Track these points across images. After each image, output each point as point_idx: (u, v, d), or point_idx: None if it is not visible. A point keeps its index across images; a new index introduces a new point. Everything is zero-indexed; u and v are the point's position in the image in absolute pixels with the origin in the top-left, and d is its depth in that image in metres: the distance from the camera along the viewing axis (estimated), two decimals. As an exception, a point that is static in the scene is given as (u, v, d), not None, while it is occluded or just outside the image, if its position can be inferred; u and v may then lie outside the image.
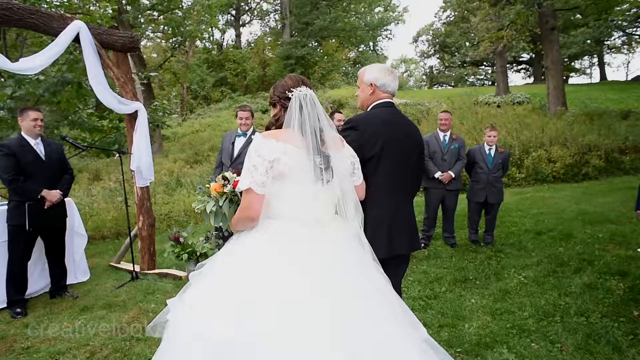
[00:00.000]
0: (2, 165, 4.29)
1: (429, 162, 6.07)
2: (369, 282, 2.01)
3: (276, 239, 1.95)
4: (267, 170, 1.94)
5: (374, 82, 2.60)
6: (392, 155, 2.48)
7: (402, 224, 2.53)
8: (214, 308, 1.83)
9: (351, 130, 2.46)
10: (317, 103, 2.07)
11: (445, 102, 21.56)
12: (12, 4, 4.15)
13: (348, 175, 2.14)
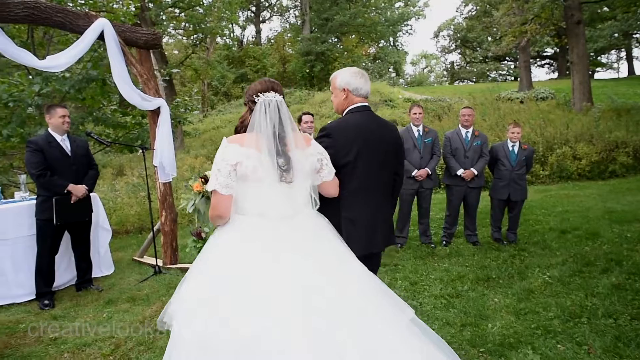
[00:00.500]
0: (30, 161, 4.39)
1: (450, 159, 6.00)
2: (347, 269, 2.16)
3: (244, 234, 2.14)
4: (230, 173, 2.12)
5: (346, 87, 2.64)
6: (366, 161, 2.56)
7: (377, 224, 2.64)
8: (197, 301, 2.01)
9: (325, 138, 2.54)
10: (282, 109, 2.22)
11: (466, 98, 21.30)
12: (40, 3, 4.23)
13: (311, 173, 2.29)
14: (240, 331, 1.84)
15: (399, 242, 6.18)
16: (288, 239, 2.11)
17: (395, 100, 21.54)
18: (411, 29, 37.93)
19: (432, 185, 6.08)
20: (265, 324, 1.84)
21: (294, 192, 2.21)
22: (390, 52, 37.54)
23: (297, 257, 2.06)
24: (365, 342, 1.90)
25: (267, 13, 37.15)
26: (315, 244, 2.17)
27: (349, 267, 2.19)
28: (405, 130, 6.03)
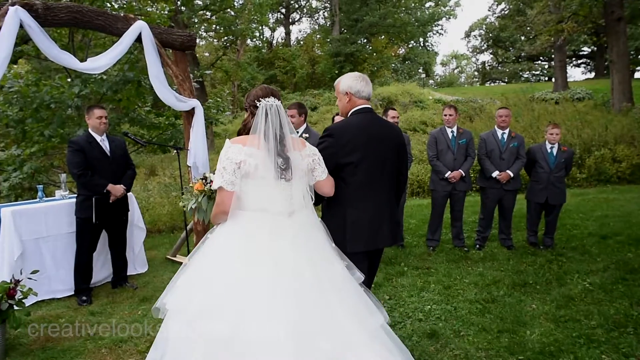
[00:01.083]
0: (72, 161, 4.51)
1: (485, 161, 5.87)
2: (327, 267, 2.34)
3: (244, 227, 2.31)
4: (235, 171, 2.29)
5: (349, 91, 2.80)
6: (368, 160, 2.69)
7: (381, 220, 2.76)
8: (192, 290, 2.21)
9: (328, 138, 2.71)
10: (281, 113, 2.39)
11: (498, 98, 20.84)
12: (82, 7, 4.35)
13: (307, 173, 2.47)
14: (230, 319, 2.06)
15: (431, 245, 6.09)
16: (285, 234, 2.29)
17: (426, 102, 21.27)
18: (442, 29, 37.32)
19: (465, 187, 5.96)
20: (254, 316, 2.06)
21: (292, 190, 2.38)
22: (420, 52, 37.14)
23: (290, 250, 2.25)
24: (334, 334, 2.13)
25: (296, 15, 37.35)
26: (308, 241, 2.36)
27: (333, 267, 2.37)
28: (439, 132, 5.93)
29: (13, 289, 3.45)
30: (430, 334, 3.60)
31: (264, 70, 28.17)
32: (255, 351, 2.01)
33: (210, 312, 2.11)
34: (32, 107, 6.55)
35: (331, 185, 2.64)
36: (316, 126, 16.91)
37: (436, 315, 3.98)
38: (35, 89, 6.58)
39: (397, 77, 30.18)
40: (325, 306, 2.19)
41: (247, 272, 2.17)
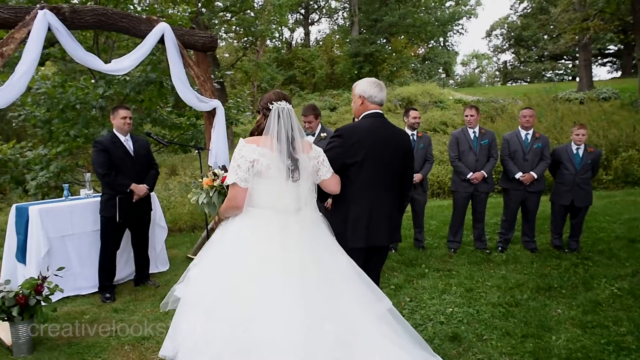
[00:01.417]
0: (97, 161, 4.59)
1: (508, 162, 5.77)
2: (332, 258, 2.53)
3: (254, 223, 2.48)
4: (249, 169, 2.46)
5: (363, 95, 2.95)
6: (372, 162, 2.83)
7: (380, 219, 2.90)
8: (208, 283, 2.39)
9: (337, 138, 2.86)
10: (292, 116, 2.55)
11: (521, 98, 20.49)
12: (107, 10, 4.43)
13: (313, 174, 2.63)
14: (244, 302, 2.27)
15: (452, 247, 6.02)
16: (292, 230, 2.47)
17: (446, 102, 21.03)
18: (462, 28, 36.85)
19: (488, 189, 5.87)
20: (266, 305, 2.25)
21: (299, 190, 2.55)
22: (440, 52, 36.77)
23: (297, 244, 2.43)
24: (341, 320, 2.31)
25: (315, 15, 37.38)
26: (314, 236, 2.55)
27: (338, 258, 2.57)
28: (461, 132, 5.86)
29: (40, 285, 3.52)
30: (453, 337, 3.55)
31: (283, 70, 28.25)
32: (268, 337, 2.17)
33: (226, 302, 2.28)
34: (58, 107, 6.70)
35: (336, 183, 2.80)
36: (335, 126, 16.90)
37: (458, 318, 3.93)
38: (61, 90, 6.74)
39: (417, 77, 29.89)
40: (331, 294, 2.37)
41: (258, 265, 2.35)
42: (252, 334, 2.20)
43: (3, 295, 3.34)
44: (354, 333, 2.33)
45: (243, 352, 2.18)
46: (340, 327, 2.29)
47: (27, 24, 3.89)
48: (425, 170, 5.93)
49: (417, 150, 5.86)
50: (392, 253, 5.97)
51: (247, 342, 2.19)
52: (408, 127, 5.97)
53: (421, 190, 5.97)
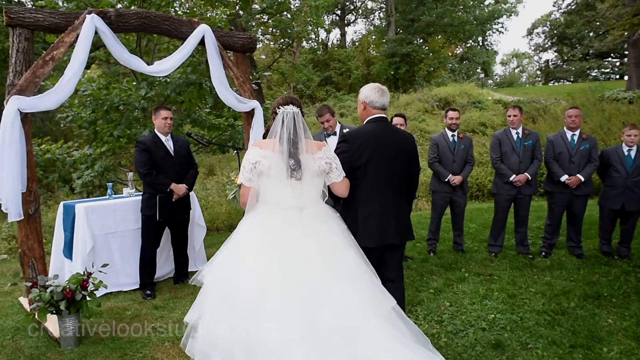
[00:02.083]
0: (139, 160, 4.70)
1: (553, 164, 5.55)
2: (338, 255, 2.64)
3: (260, 218, 2.73)
4: (252, 170, 2.71)
5: (364, 100, 3.10)
6: (377, 165, 2.99)
7: (390, 219, 3.03)
8: (223, 269, 2.62)
9: (343, 143, 3.03)
10: (297, 119, 2.71)
11: (564, 98, 19.74)
12: (150, 13, 4.53)
13: (320, 173, 2.77)
14: (249, 286, 2.47)
15: (493, 251, 5.84)
16: (295, 224, 2.64)
17: (485, 102, 20.53)
18: (502, 27, 35.89)
19: (531, 191, 5.67)
20: (268, 287, 2.44)
21: (302, 188, 2.71)
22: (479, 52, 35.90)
23: (300, 238, 2.60)
24: (342, 315, 2.41)
25: (352, 16, 37.28)
26: (318, 230, 2.68)
27: (344, 255, 2.66)
28: (503, 133, 5.68)
29: (86, 281, 3.63)
30: (495, 345, 3.43)
31: (319, 71, 28.29)
32: (271, 325, 2.34)
33: (235, 289, 2.51)
34: (103, 109, 6.93)
35: (345, 187, 2.95)
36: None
37: (501, 325, 3.79)
38: (106, 92, 6.96)
39: (455, 78, 29.29)
40: (334, 288, 2.48)
41: (261, 257, 2.56)
42: (252, 324, 2.38)
43: (52, 290, 3.46)
44: (356, 328, 2.43)
45: (246, 344, 2.36)
46: (340, 322, 2.40)
47: (76, 28, 4.02)
48: (466, 172, 5.78)
49: (457, 151, 5.73)
50: (430, 256, 5.86)
51: (248, 334, 2.37)
52: (447, 127, 5.84)
53: (461, 193, 5.83)
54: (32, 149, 4.07)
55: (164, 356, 3.42)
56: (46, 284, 3.54)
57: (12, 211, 3.85)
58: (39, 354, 3.51)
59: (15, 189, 3.81)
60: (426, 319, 3.97)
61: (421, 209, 10.18)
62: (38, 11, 3.93)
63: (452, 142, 5.77)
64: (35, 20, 3.89)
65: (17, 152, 3.78)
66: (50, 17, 3.97)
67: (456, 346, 3.46)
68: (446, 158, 5.77)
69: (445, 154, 5.77)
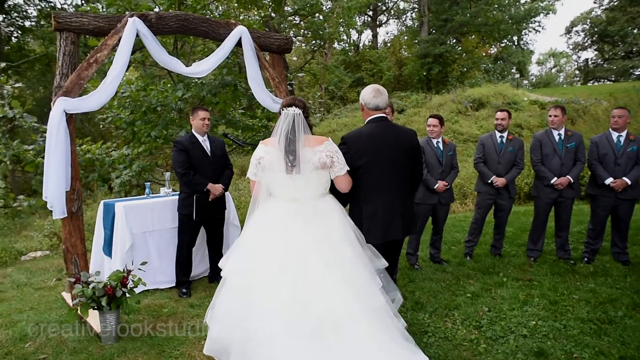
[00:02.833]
0: (176, 160, 4.78)
1: (597, 166, 5.34)
2: (333, 247, 2.85)
3: (264, 209, 3.03)
4: (256, 165, 3.04)
5: (361, 102, 3.29)
6: (377, 163, 3.14)
7: (393, 216, 3.20)
8: (234, 255, 3.04)
9: (342, 145, 3.19)
10: (296, 119, 2.96)
11: (605, 98, 19.04)
12: (189, 15, 4.60)
13: (319, 167, 2.96)
14: (252, 268, 2.87)
15: (532, 256, 5.67)
16: (294, 216, 2.91)
17: (520, 103, 20.00)
18: (539, 25, 34.82)
19: (574, 195, 5.46)
20: (260, 272, 2.81)
21: (301, 182, 2.95)
22: (514, 52, 34.99)
23: (297, 229, 2.86)
24: (329, 304, 2.65)
25: (383, 17, 37.04)
26: (317, 224, 2.90)
27: (339, 247, 2.86)
28: (544, 134, 5.50)
29: (125, 278, 3.71)
30: (538, 353, 3.31)
31: (350, 73, 28.21)
32: (261, 307, 2.70)
33: (234, 271, 2.93)
34: (141, 110, 7.08)
35: (347, 182, 3.11)
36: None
37: (542, 332, 3.66)
38: (144, 94, 7.11)
39: (489, 78, 28.65)
40: (324, 278, 2.72)
41: (261, 245, 2.89)
42: (251, 299, 2.77)
43: (94, 286, 3.55)
44: (342, 318, 2.65)
45: (241, 326, 2.75)
46: (327, 310, 2.64)
47: (118, 31, 4.12)
48: (511, 175, 5.57)
49: (503, 153, 5.57)
50: (466, 260, 5.73)
51: (241, 315, 2.78)
52: (495, 128, 5.69)
53: (507, 196, 5.64)
54: (76, 149, 4.19)
55: (201, 354, 3.45)
56: (88, 280, 3.64)
57: (57, 209, 3.97)
58: (81, 348, 3.60)
59: (60, 187, 3.94)
60: (464, 324, 3.87)
61: (455, 212, 10.00)
62: (83, 15, 4.05)
63: (499, 143, 5.61)
64: (80, 24, 4.01)
65: (62, 152, 3.90)
66: (94, 20, 4.08)
67: (496, 353, 3.36)
68: (491, 159, 5.62)
69: (490, 154, 5.63)
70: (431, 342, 3.57)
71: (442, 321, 3.95)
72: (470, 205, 10.32)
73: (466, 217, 8.59)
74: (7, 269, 6.32)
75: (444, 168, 5.44)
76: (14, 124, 6.45)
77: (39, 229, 9.58)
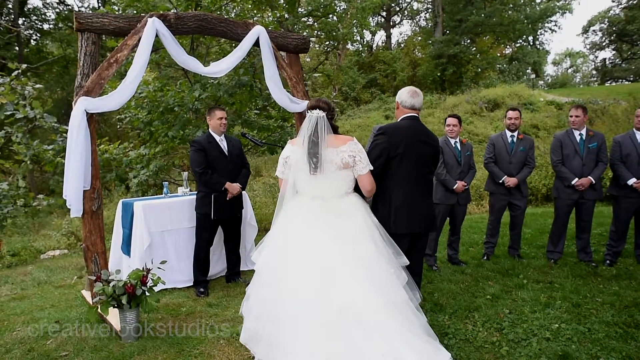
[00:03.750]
0: (194, 160, 4.79)
1: (620, 167, 5.24)
2: (355, 243, 2.98)
3: (291, 205, 3.21)
4: (284, 164, 3.30)
5: (398, 100, 3.48)
6: (409, 156, 3.29)
7: (418, 208, 3.38)
8: (265, 249, 3.24)
9: (381, 135, 3.33)
10: (319, 121, 3.12)
11: (624, 98, 18.74)
12: (207, 15, 4.61)
13: (342, 166, 3.10)
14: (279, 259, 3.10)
15: (552, 258, 5.57)
16: (318, 214, 3.07)
17: (536, 104, 19.79)
18: (555, 25, 34.40)
19: (595, 196, 5.37)
20: (288, 266, 3.02)
21: (324, 180, 3.10)
22: (530, 52, 34.61)
23: (321, 226, 3.02)
24: (350, 296, 2.79)
25: (397, 17, 36.92)
26: (339, 219, 3.05)
27: (360, 246, 2.97)
28: (565, 135, 5.41)
29: (145, 277, 3.72)
30: (563, 357, 3.24)
31: (364, 73, 28.15)
32: (287, 297, 2.89)
33: (265, 264, 3.16)
34: (158, 110, 7.12)
35: (369, 182, 3.21)
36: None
37: (566, 335, 3.59)
38: (161, 94, 7.16)
39: (504, 79, 28.36)
40: (346, 273, 2.85)
41: (288, 240, 3.08)
42: (273, 296, 3.00)
43: (114, 284, 3.57)
44: (362, 310, 2.75)
45: (270, 315, 2.98)
46: (348, 302, 2.77)
47: (138, 31, 4.15)
48: (522, 174, 5.52)
49: (515, 152, 5.51)
50: (484, 261, 5.66)
51: (269, 306, 3.01)
52: (506, 128, 5.63)
53: (520, 196, 5.58)
54: (96, 148, 4.22)
55: (220, 353, 3.44)
56: (109, 279, 3.66)
57: (74, 208, 4.00)
58: (101, 346, 3.62)
59: (78, 186, 3.96)
60: (484, 326, 3.81)
61: (471, 213, 9.90)
62: (104, 16, 4.08)
63: (510, 142, 5.55)
64: (101, 25, 4.04)
65: (82, 151, 3.93)
66: (114, 21, 4.11)
67: (519, 356, 3.30)
68: (502, 159, 5.56)
69: (501, 154, 5.57)
70: (452, 344, 3.51)
71: (462, 323, 3.90)
72: (486, 207, 10.21)
73: (482, 219, 8.50)
74: (28, 267, 6.41)
75: (462, 168, 5.39)
76: (35, 124, 6.54)
77: (57, 228, 9.74)
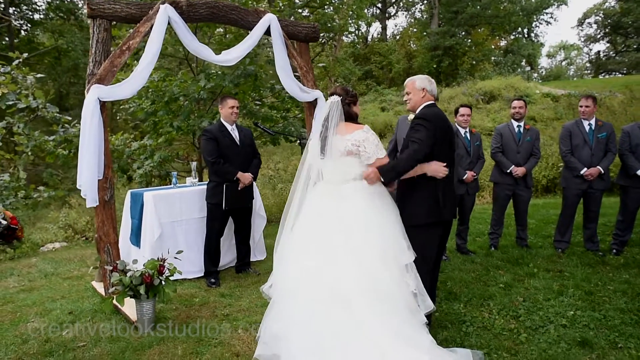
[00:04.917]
0: (206, 149, 4.75)
1: (629, 157, 5.27)
2: (361, 234, 3.00)
3: (314, 189, 3.35)
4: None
5: (425, 88, 3.41)
6: (445, 142, 3.29)
7: (452, 195, 3.41)
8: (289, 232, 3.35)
9: (425, 121, 3.21)
10: (332, 107, 3.22)
11: (620, 90, 18.82)
12: (218, 3, 4.55)
13: (346, 153, 3.15)
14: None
15: (560, 247, 5.61)
16: (325, 196, 3.21)
17: (532, 96, 19.82)
18: (551, 17, 34.42)
19: (603, 186, 5.40)
20: (298, 241, 3.19)
21: (331, 165, 3.21)
22: (525, 44, 34.66)
23: (325, 206, 3.16)
24: (352, 278, 2.90)
25: (393, 9, 36.77)
26: (338, 203, 3.12)
27: (354, 228, 3.02)
28: (574, 125, 5.42)
29: (162, 266, 3.69)
30: (582, 343, 3.27)
31: (359, 65, 28.05)
32: (293, 271, 3.09)
33: (282, 244, 3.34)
34: (163, 100, 7.05)
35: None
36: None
37: (582, 322, 3.62)
38: (166, 84, 7.08)
39: (500, 71, 28.39)
40: (336, 254, 2.97)
41: (300, 220, 3.24)
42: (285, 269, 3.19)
43: (131, 274, 3.54)
44: (349, 294, 2.85)
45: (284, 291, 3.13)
46: (336, 284, 2.88)
47: (150, 18, 4.08)
48: (530, 164, 5.54)
49: (522, 143, 5.52)
50: (493, 251, 5.69)
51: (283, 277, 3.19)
52: (512, 118, 5.64)
53: (524, 186, 5.60)
54: (108, 137, 4.17)
55: (239, 342, 3.44)
56: (126, 269, 3.63)
57: (90, 197, 3.95)
58: (118, 337, 3.60)
59: (92, 175, 3.92)
60: (500, 314, 3.83)
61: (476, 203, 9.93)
62: (116, 2, 4.01)
63: (517, 132, 5.57)
64: (113, 11, 3.98)
65: (95, 140, 3.88)
66: (126, 7, 4.05)
67: (538, 342, 3.33)
68: (510, 149, 5.57)
69: (508, 144, 5.58)
70: (470, 331, 3.54)
71: (478, 311, 3.92)
72: (487, 198, 10.25)
73: (485, 209, 8.54)
74: (32, 259, 6.34)
75: (472, 158, 5.39)
76: (37, 115, 6.44)
77: (54, 220, 9.60)
